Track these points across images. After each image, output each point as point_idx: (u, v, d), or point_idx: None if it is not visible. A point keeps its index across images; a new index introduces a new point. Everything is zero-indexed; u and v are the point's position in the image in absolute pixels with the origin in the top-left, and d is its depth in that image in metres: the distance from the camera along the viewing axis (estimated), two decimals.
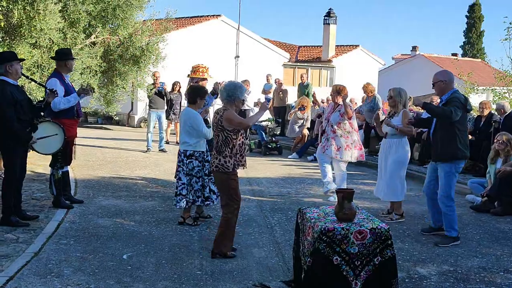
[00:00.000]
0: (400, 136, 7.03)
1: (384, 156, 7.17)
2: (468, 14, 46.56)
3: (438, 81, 6.13)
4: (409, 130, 7.04)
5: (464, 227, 6.85)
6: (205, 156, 6.57)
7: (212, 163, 5.44)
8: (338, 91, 8.15)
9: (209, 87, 7.59)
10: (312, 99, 15.80)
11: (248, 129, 14.81)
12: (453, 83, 6.19)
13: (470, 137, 10.44)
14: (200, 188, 6.51)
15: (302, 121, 13.44)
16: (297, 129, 13.43)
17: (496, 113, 10.73)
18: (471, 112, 11.45)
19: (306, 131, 13.53)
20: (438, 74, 6.24)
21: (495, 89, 20.37)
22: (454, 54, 38.37)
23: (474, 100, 14.82)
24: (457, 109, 5.80)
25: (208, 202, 6.60)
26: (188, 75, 7.88)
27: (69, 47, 9.23)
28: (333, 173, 8.38)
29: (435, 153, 6.12)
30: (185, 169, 6.45)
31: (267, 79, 18.63)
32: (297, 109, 13.59)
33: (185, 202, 6.43)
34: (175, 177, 6.59)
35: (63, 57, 7.11)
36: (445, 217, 6.10)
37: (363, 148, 8.45)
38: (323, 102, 16.11)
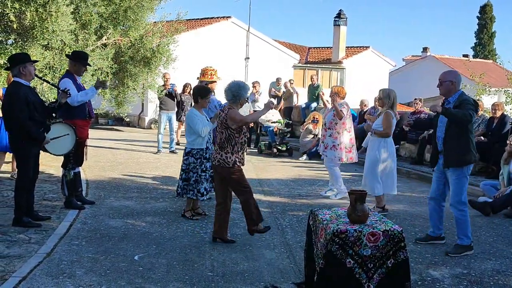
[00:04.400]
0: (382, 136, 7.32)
1: (368, 153, 7.56)
2: (479, 15, 46.27)
3: (447, 80, 5.81)
4: (383, 133, 7.28)
5: (477, 230, 6.79)
6: (204, 153, 6.77)
7: (214, 158, 5.77)
8: (336, 92, 8.47)
9: (220, 88, 7.61)
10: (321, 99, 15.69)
11: (258, 130, 14.92)
12: (460, 85, 5.92)
13: (482, 138, 10.39)
14: (193, 182, 6.76)
15: (311, 136, 13.25)
16: (308, 144, 13.19)
17: (509, 114, 10.64)
18: (484, 113, 11.39)
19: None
20: (447, 73, 5.95)
21: (508, 90, 20.22)
22: (465, 55, 38.18)
23: (486, 101, 14.72)
24: (473, 112, 5.61)
25: (203, 198, 6.84)
26: (198, 77, 7.94)
27: (84, 52, 9.18)
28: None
29: (449, 159, 5.75)
30: (182, 164, 6.85)
31: (277, 82, 18.37)
32: (310, 121, 13.48)
33: (175, 193, 6.97)
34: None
35: (76, 58, 7.14)
36: (458, 223, 5.81)
37: (353, 151, 8.55)
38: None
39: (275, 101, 12.28)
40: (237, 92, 5.69)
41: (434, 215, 6.12)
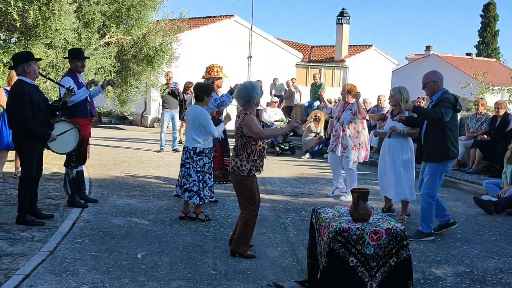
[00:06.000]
0: (404, 136, 6.97)
1: (390, 156, 7.07)
2: (483, 14, 46.15)
3: (430, 81, 6.11)
4: (414, 132, 6.91)
5: (480, 229, 6.78)
6: (212, 153, 6.73)
7: (229, 164, 5.47)
8: (349, 90, 8.17)
9: (225, 86, 7.67)
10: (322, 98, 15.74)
11: None
12: (443, 83, 6.17)
13: (485, 137, 10.37)
14: (213, 184, 6.66)
15: (313, 134, 13.23)
16: (310, 143, 13.17)
17: None
18: (487, 112, 11.37)
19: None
20: (429, 74, 6.21)
21: (511, 89, 20.14)
22: (469, 54, 38.03)
23: (490, 100, 14.66)
24: (448, 110, 5.84)
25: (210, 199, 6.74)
26: (203, 76, 7.87)
27: (78, 48, 9.17)
28: (343, 173, 8.43)
29: (427, 154, 6.16)
30: (195, 166, 6.50)
31: (274, 83, 18.58)
32: (311, 119, 13.46)
33: (198, 199, 6.51)
34: (181, 172, 6.68)
35: (69, 55, 7.17)
36: (422, 212, 6.18)
37: (368, 149, 8.40)
38: (330, 102, 15.95)
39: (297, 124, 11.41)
40: (247, 96, 5.33)
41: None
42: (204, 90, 6.53)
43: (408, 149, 6.97)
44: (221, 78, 7.74)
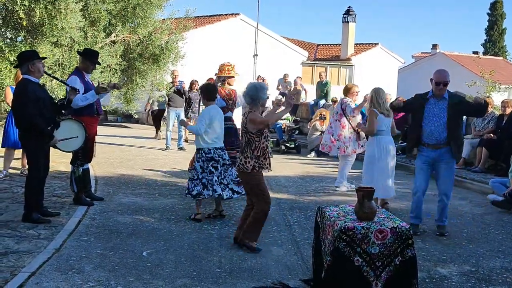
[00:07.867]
0: (374, 134, 7.31)
1: None
2: (489, 12, 45.94)
3: (449, 80, 6.24)
4: (365, 130, 7.55)
5: (486, 227, 6.76)
6: (206, 153, 6.50)
7: (237, 163, 5.71)
8: (346, 90, 9.03)
9: (236, 84, 7.75)
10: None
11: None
12: None
13: (492, 136, 10.32)
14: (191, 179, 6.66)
15: (319, 133, 13.21)
16: (315, 141, 13.16)
17: None
18: (494, 110, 11.32)
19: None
20: (447, 74, 6.26)
21: None
22: (475, 52, 37.85)
23: (496, 98, 14.60)
24: None
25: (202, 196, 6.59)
26: (216, 73, 7.96)
27: (95, 50, 9.16)
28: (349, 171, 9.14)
29: (455, 152, 6.22)
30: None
31: (284, 78, 18.61)
32: (317, 118, 13.44)
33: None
34: None
35: (85, 55, 7.17)
36: (446, 210, 6.39)
37: (336, 144, 8.87)
38: (335, 101, 15.80)
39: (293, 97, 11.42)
40: (255, 95, 5.50)
41: (420, 204, 6.47)
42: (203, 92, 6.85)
43: (374, 147, 7.26)
44: (233, 76, 7.81)
